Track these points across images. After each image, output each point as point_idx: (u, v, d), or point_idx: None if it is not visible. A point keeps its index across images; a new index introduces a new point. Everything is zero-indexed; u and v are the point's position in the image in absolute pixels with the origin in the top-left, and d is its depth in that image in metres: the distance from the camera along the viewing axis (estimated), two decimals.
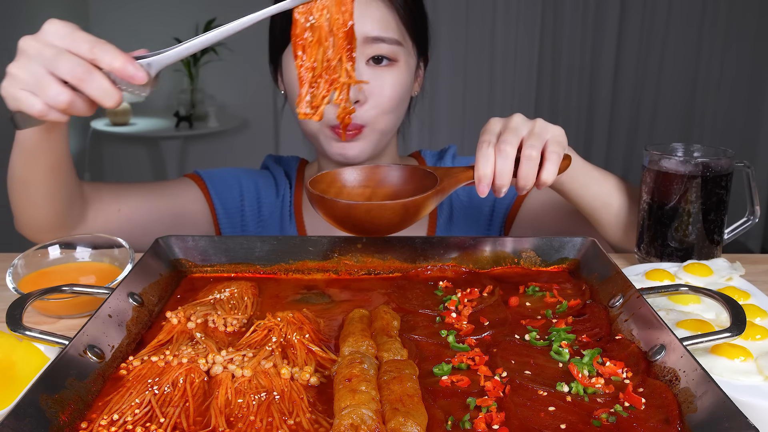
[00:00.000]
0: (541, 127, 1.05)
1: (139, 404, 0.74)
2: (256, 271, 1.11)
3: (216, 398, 0.76)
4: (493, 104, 5.17)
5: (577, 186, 1.22)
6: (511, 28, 4.99)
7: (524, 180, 1.03)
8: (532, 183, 1.03)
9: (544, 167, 1.03)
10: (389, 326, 0.89)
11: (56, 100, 0.91)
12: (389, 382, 0.74)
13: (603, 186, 1.26)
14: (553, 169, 1.03)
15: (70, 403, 0.72)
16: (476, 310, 0.97)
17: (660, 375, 0.78)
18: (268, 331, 0.89)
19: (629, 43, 5.09)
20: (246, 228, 1.52)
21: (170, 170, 4.83)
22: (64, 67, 0.90)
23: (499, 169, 1.01)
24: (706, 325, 0.90)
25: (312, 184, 1.05)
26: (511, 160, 1.01)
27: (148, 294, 0.98)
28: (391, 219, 1.00)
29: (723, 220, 1.20)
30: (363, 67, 1.29)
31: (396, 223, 1.01)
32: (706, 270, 1.09)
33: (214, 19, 4.74)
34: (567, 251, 1.13)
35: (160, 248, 1.09)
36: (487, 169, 1.01)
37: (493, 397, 0.75)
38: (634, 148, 5.31)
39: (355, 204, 1.00)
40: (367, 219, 0.99)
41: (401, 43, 1.31)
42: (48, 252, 1.15)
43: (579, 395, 0.75)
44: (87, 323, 0.82)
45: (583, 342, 0.88)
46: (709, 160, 1.16)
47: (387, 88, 1.31)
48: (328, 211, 1.01)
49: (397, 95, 1.32)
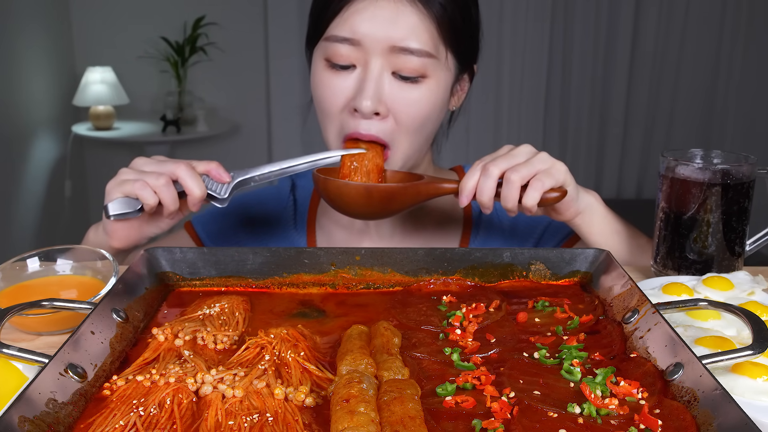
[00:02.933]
0: (538, 159, 1.17)
1: (123, 427, 0.74)
2: (248, 285, 1.11)
3: (205, 420, 0.76)
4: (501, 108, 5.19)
5: (596, 232, 1.29)
6: (520, 27, 5.01)
7: (504, 200, 1.17)
8: (511, 204, 1.17)
9: (527, 193, 1.16)
10: (389, 343, 0.89)
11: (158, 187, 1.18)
12: (390, 403, 0.74)
13: (621, 242, 1.32)
14: (534, 195, 1.15)
15: (50, 425, 0.72)
16: (482, 326, 0.97)
17: (677, 395, 0.78)
18: (261, 348, 0.89)
19: (645, 42, 5.11)
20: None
21: None
22: (169, 168, 1.20)
23: (480, 185, 1.17)
24: (727, 342, 0.90)
25: (321, 171, 1.26)
26: (493, 180, 1.16)
27: (133, 309, 0.98)
28: (356, 199, 1.21)
29: (744, 231, 1.21)
30: (388, 78, 1.26)
31: (363, 203, 1.21)
32: (726, 284, 1.09)
33: (203, 17, 4.77)
34: (579, 264, 1.13)
35: (145, 261, 1.09)
36: (469, 183, 1.17)
37: (500, 419, 0.75)
38: (650, 154, 5.32)
39: (330, 179, 1.23)
40: (338, 195, 1.22)
41: (434, 55, 1.25)
42: (27, 264, 1.16)
43: (591, 417, 0.75)
44: (68, 340, 0.82)
45: (596, 360, 0.88)
46: (729, 167, 1.16)
47: (411, 106, 1.27)
48: (316, 184, 1.26)
49: (422, 115, 1.28)
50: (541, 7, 4.99)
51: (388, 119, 1.27)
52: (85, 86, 4.59)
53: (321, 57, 1.30)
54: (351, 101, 1.27)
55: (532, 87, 5.16)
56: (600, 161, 5.41)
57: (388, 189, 1.22)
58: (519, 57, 5.08)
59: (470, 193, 1.18)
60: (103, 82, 4.61)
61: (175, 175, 1.19)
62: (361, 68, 1.26)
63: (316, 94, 1.33)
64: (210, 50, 4.80)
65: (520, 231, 1.51)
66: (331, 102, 1.29)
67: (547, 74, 5.13)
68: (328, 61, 1.28)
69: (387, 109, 1.26)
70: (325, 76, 1.29)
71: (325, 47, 1.28)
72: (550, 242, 1.51)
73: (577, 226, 1.29)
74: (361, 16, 1.23)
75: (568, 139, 5.35)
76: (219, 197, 1.23)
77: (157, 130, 4.75)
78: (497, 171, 1.16)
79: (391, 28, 1.22)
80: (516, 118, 5.22)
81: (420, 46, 1.24)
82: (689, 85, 5.17)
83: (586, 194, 1.27)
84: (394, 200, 1.22)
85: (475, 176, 1.17)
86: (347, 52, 1.25)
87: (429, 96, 1.28)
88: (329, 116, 1.31)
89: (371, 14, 1.22)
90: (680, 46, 5.09)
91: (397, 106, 1.27)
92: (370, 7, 1.23)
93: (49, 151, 4.64)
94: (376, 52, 1.24)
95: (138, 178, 1.18)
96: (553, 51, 5.11)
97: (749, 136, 5.21)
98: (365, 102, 1.23)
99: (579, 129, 5.32)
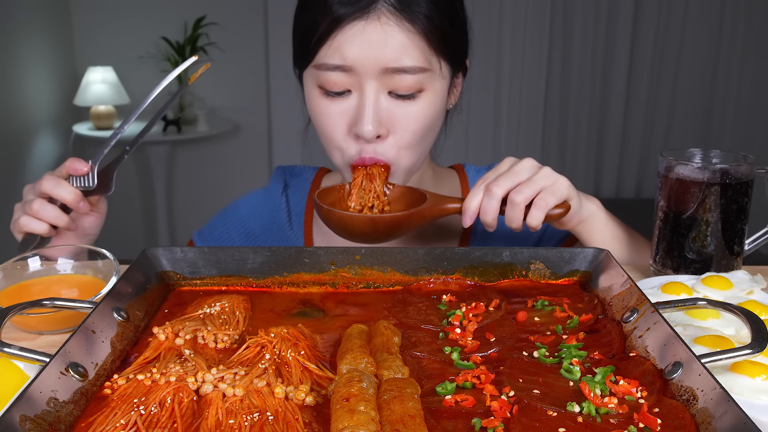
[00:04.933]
0: (541, 176, 1.18)
1: (124, 425, 0.74)
2: (249, 284, 1.11)
3: (206, 419, 0.76)
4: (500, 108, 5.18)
5: (596, 239, 1.30)
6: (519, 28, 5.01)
7: (509, 221, 1.19)
8: (516, 225, 1.19)
9: (530, 213, 1.17)
10: (389, 342, 0.89)
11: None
12: (389, 402, 0.74)
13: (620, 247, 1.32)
14: (538, 215, 1.17)
15: (51, 424, 0.72)
16: (482, 325, 0.97)
17: (677, 394, 0.78)
18: (261, 347, 0.89)
19: (644, 42, 5.11)
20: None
21: (157, 177, 4.84)
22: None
23: (483, 206, 1.18)
24: (726, 341, 0.90)
25: (321, 194, 1.28)
26: (496, 200, 1.17)
27: (133, 308, 0.98)
28: (361, 229, 1.21)
29: (743, 230, 1.21)
30: (384, 99, 1.24)
31: (368, 233, 1.21)
32: (725, 283, 1.09)
33: (203, 17, 4.77)
34: (578, 263, 1.13)
35: (146, 260, 1.09)
36: (473, 204, 1.19)
37: (499, 417, 0.75)
38: (649, 154, 5.32)
39: (333, 210, 1.23)
40: (342, 226, 1.22)
41: (427, 68, 1.24)
42: (28, 264, 1.16)
43: (591, 416, 0.75)
44: (69, 339, 0.82)
45: (595, 359, 0.88)
46: (728, 167, 1.16)
47: (411, 122, 1.26)
48: (318, 212, 1.25)
49: (422, 128, 1.28)
50: (540, 6, 4.99)
51: (389, 138, 1.27)
52: (86, 86, 4.59)
53: (313, 84, 1.28)
54: (352, 127, 1.26)
55: (531, 86, 5.16)
56: (599, 161, 5.41)
57: (394, 219, 1.21)
58: (518, 56, 5.08)
59: (474, 213, 1.19)
60: (104, 81, 4.61)
61: (44, 192, 1.23)
62: (356, 93, 1.25)
63: (315, 122, 1.32)
64: (210, 50, 4.80)
65: (518, 235, 1.51)
66: (332, 129, 1.28)
67: (546, 74, 5.13)
68: (322, 89, 1.26)
69: (387, 130, 1.26)
70: (322, 105, 1.27)
71: (316, 74, 1.26)
72: (548, 244, 1.51)
73: (578, 234, 1.30)
74: (349, 43, 1.20)
75: (567, 139, 5.35)
76: (91, 187, 1.26)
77: (157, 130, 4.74)
78: (501, 191, 1.17)
79: (382, 50, 1.20)
80: (515, 117, 5.23)
81: (413, 63, 1.22)
82: (688, 85, 5.17)
83: (588, 202, 1.27)
84: (399, 228, 1.22)
85: (479, 197, 1.18)
86: (340, 79, 1.23)
87: (427, 108, 1.27)
88: (332, 143, 1.30)
89: (360, 39, 1.20)
90: (679, 45, 5.09)
91: (397, 124, 1.26)
92: (358, 32, 1.20)
93: (50, 151, 4.64)
94: (370, 75, 1.22)
95: (20, 213, 1.25)
96: (553, 50, 5.11)
97: (748, 136, 5.22)
98: (366, 128, 1.23)
99: (578, 129, 5.32)
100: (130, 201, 5.22)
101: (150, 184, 5.00)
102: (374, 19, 1.20)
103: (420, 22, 1.22)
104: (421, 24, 1.22)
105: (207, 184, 5.29)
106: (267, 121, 5.22)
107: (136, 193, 5.24)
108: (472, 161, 1.64)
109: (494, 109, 5.19)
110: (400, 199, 1.30)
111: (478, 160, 5.01)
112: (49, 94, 4.64)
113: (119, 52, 4.88)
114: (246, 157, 5.27)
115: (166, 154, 4.83)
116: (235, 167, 5.28)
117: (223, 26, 4.84)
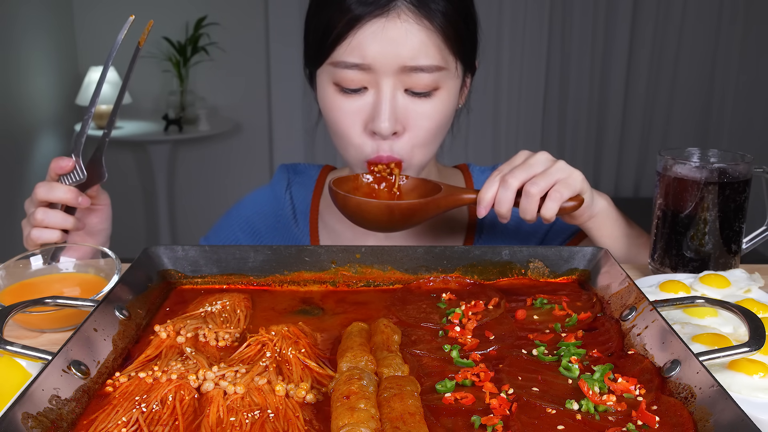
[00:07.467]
0: (556, 168, 1.18)
1: (126, 423, 0.74)
2: (249, 283, 1.11)
3: (207, 416, 0.76)
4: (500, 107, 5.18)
5: (605, 235, 1.31)
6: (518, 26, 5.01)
7: (523, 212, 1.19)
8: (530, 216, 1.18)
9: (545, 204, 1.17)
10: (389, 340, 0.90)
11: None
12: (389, 400, 0.74)
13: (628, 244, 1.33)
14: (552, 207, 1.17)
15: (53, 421, 0.72)
16: (481, 323, 0.97)
17: (675, 392, 0.78)
18: (262, 345, 0.89)
19: (642, 41, 5.10)
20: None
21: (158, 176, 4.84)
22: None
23: (499, 197, 1.18)
24: (724, 339, 0.90)
25: (336, 182, 1.26)
26: (512, 192, 1.17)
27: (135, 306, 0.98)
28: (377, 215, 1.21)
29: (741, 229, 1.21)
30: (401, 96, 1.24)
31: (384, 220, 1.21)
32: (723, 281, 1.09)
33: (204, 18, 4.76)
34: (577, 261, 1.13)
35: (148, 258, 1.09)
36: (488, 194, 1.19)
37: (498, 415, 0.75)
38: (648, 153, 5.32)
39: (350, 197, 1.22)
40: (358, 212, 1.22)
41: (443, 66, 1.24)
42: (30, 262, 1.16)
43: (589, 413, 0.75)
44: (71, 337, 0.82)
45: (594, 357, 0.88)
46: (726, 166, 1.16)
47: (426, 120, 1.26)
48: (334, 200, 1.24)
49: (436, 126, 1.28)
50: (539, 6, 4.98)
51: (404, 135, 1.27)
52: (88, 86, 4.59)
53: (329, 81, 1.27)
54: (368, 124, 1.26)
55: (530, 86, 5.15)
56: (598, 160, 5.41)
57: (410, 206, 1.21)
58: (518, 56, 5.07)
59: (489, 204, 1.19)
60: (106, 81, 4.60)
61: (41, 200, 1.23)
62: (373, 90, 1.25)
63: (330, 119, 1.31)
64: (212, 50, 4.79)
65: (524, 231, 1.51)
66: (349, 126, 1.28)
67: (545, 73, 5.13)
68: (338, 86, 1.26)
69: (403, 127, 1.26)
70: (338, 101, 1.27)
71: (332, 72, 1.26)
72: (554, 242, 1.51)
73: (588, 229, 1.30)
74: (369, 41, 1.20)
75: (566, 138, 5.35)
76: (83, 180, 1.25)
77: (159, 130, 4.75)
78: (516, 183, 1.17)
79: (400, 48, 1.20)
80: (515, 116, 5.22)
81: (430, 62, 1.22)
82: (686, 85, 5.17)
83: (600, 198, 1.28)
84: (414, 215, 1.22)
85: (494, 187, 1.18)
86: (358, 77, 1.23)
87: (441, 107, 1.27)
88: (347, 140, 1.30)
89: (380, 37, 1.20)
90: (677, 45, 5.09)
91: (412, 121, 1.26)
92: (378, 30, 1.20)
93: (52, 150, 4.64)
94: (387, 73, 1.22)
95: (28, 227, 1.25)
96: (552, 50, 5.10)
97: (746, 135, 5.21)
98: (383, 124, 1.22)
99: (577, 127, 5.31)
100: (132, 200, 5.22)
101: (151, 184, 5.00)
102: (394, 17, 1.20)
103: (437, 20, 1.22)
104: (439, 22, 1.23)
105: (208, 183, 5.29)
106: (268, 120, 5.21)
107: (137, 192, 5.24)
108: (472, 159, 1.65)
109: (493, 107, 5.19)
110: (414, 191, 1.30)
111: (478, 158, 5.01)
112: (51, 94, 4.64)
113: (121, 52, 4.87)
114: (247, 156, 5.27)
115: (168, 154, 4.83)
116: (237, 166, 5.28)
117: (224, 26, 4.83)
